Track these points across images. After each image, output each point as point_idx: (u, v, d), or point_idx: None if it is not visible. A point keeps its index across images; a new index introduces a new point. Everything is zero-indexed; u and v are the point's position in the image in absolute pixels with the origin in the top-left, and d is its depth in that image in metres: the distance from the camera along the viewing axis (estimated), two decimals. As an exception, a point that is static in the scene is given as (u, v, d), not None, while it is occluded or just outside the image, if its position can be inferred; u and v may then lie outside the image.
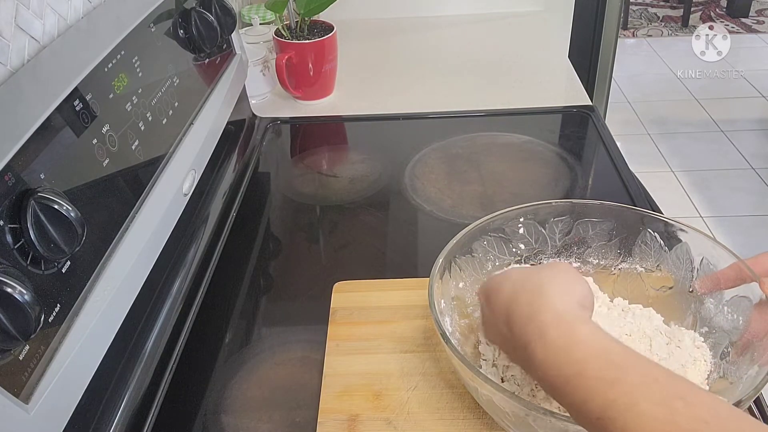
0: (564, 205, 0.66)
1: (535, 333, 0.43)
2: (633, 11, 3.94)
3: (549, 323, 0.43)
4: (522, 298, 0.46)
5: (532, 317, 0.44)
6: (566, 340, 0.41)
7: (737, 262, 0.55)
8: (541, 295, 0.45)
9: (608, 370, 0.38)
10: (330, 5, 1.04)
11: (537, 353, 0.42)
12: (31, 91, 0.53)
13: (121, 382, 0.56)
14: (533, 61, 1.24)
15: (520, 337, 0.44)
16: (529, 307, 0.45)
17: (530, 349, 0.42)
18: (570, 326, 0.42)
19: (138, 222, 0.57)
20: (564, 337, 0.41)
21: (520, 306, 0.45)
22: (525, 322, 0.44)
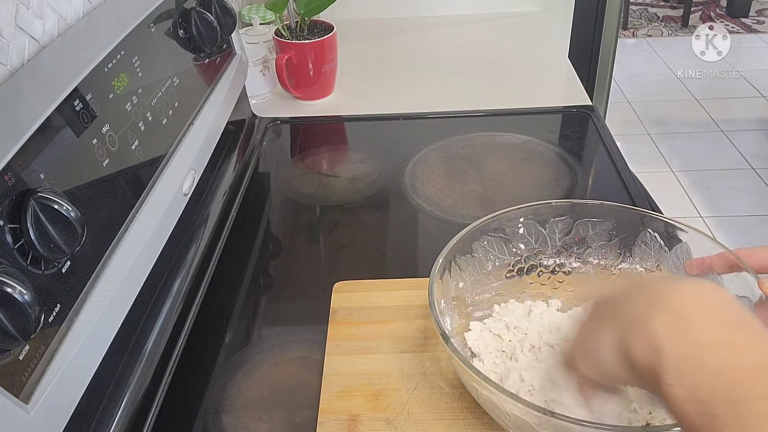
0: (564, 205, 0.66)
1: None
2: (633, 11, 3.94)
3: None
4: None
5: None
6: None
7: (726, 252, 0.55)
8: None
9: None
10: (330, 5, 1.04)
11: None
12: (31, 91, 0.53)
13: (121, 382, 0.56)
14: (533, 61, 1.24)
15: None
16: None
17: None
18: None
19: (138, 222, 0.57)
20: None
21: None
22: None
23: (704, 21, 3.80)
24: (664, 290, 0.37)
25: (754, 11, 3.84)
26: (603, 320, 0.41)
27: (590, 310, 0.44)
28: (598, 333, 0.40)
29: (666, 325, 0.35)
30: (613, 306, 0.41)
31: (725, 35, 1.85)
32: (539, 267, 0.66)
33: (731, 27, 3.70)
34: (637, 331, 0.36)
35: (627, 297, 0.40)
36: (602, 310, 0.42)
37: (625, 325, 0.37)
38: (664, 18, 3.89)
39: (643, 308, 0.37)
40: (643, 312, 0.36)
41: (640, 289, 0.40)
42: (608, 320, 0.40)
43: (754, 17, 3.80)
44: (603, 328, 0.40)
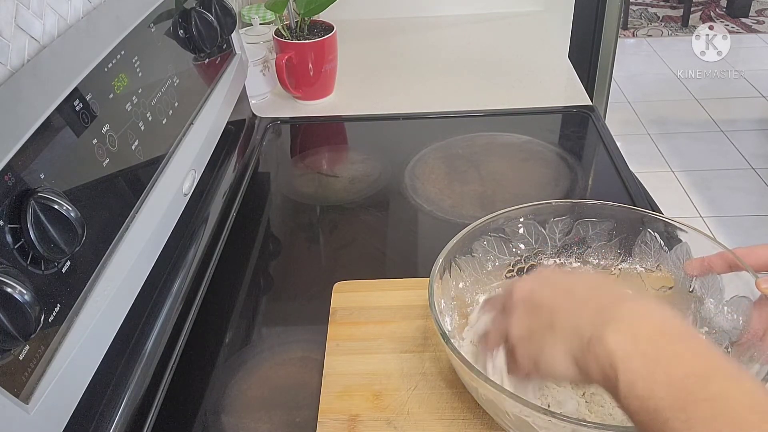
0: (564, 205, 0.66)
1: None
2: (633, 11, 3.94)
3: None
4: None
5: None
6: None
7: (726, 251, 0.55)
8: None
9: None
10: (330, 5, 1.04)
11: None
12: (31, 91, 0.53)
13: (121, 382, 0.56)
14: (533, 61, 1.24)
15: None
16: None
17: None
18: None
19: (138, 222, 0.57)
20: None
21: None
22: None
23: (704, 21, 3.80)
24: (613, 309, 0.41)
25: (754, 11, 3.84)
26: (545, 329, 0.45)
27: (520, 310, 0.48)
28: (545, 345, 0.44)
29: (618, 341, 0.39)
30: (553, 315, 0.45)
31: (725, 35, 1.85)
32: (539, 267, 0.66)
33: (731, 27, 3.70)
34: (593, 350, 0.40)
35: (570, 310, 0.44)
36: (538, 316, 0.46)
37: (577, 343, 0.42)
38: (664, 18, 3.89)
39: (595, 327, 0.40)
40: (596, 331, 0.40)
41: (583, 300, 0.44)
42: (552, 331, 0.44)
43: (754, 17, 3.80)
44: (549, 339, 0.44)
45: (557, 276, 0.49)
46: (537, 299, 0.47)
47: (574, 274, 0.49)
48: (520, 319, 0.48)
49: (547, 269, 0.51)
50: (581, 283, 0.47)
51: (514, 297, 0.49)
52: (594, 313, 0.42)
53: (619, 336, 0.39)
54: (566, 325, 0.43)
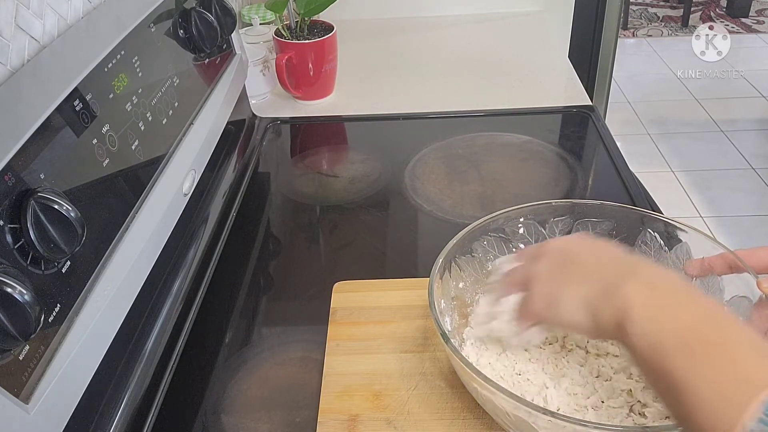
0: (564, 205, 0.66)
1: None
2: (633, 11, 3.94)
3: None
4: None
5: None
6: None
7: (726, 252, 0.55)
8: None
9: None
10: (330, 5, 1.04)
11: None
12: (31, 91, 0.53)
13: (121, 382, 0.56)
14: (533, 61, 1.24)
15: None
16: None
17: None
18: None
19: (138, 222, 0.57)
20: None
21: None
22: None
23: (704, 21, 3.80)
24: (635, 266, 0.45)
25: (754, 11, 3.84)
26: (568, 276, 0.48)
27: (547, 259, 0.51)
28: (565, 287, 0.48)
29: (638, 290, 0.42)
30: (578, 266, 0.48)
31: (725, 35, 1.85)
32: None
33: (731, 27, 3.70)
34: (610, 294, 0.44)
35: (595, 264, 0.47)
36: (563, 264, 0.50)
37: (596, 288, 0.45)
38: (664, 18, 3.89)
39: (615, 277, 0.44)
40: (615, 280, 0.44)
41: (609, 259, 0.48)
42: (575, 278, 0.47)
43: (754, 17, 3.80)
44: (569, 282, 0.48)
45: (592, 239, 0.52)
46: (567, 250, 0.50)
47: (603, 241, 0.53)
48: (546, 263, 0.51)
49: (582, 234, 0.57)
50: (613, 248, 0.50)
51: (544, 246, 0.53)
52: (617, 267, 0.46)
53: (636, 285, 0.43)
54: (588, 273, 0.47)
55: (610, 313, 0.43)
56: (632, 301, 0.42)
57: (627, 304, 0.42)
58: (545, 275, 0.50)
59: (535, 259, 0.52)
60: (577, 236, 0.56)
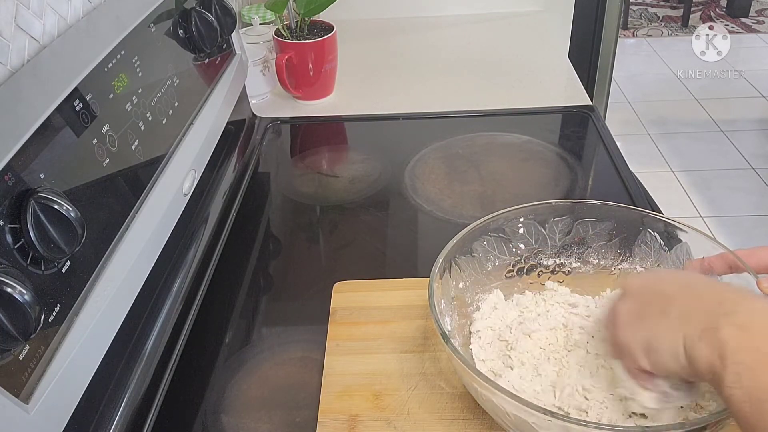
0: (564, 205, 0.66)
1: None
2: (633, 11, 3.94)
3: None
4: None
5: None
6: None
7: (726, 252, 0.55)
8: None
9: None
10: (330, 5, 1.04)
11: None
12: (31, 91, 0.53)
13: (121, 382, 0.56)
14: (533, 61, 1.24)
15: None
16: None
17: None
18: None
19: (138, 222, 0.57)
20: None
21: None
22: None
23: (704, 21, 3.80)
24: (731, 303, 0.41)
25: (754, 11, 3.84)
26: (659, 315, 0.44)
27: (632, 298, 0.48)
28: (657, 328, 0.44)
29: (733, 335, 0.39)
30: (667, 302, 0.45)
31: (725, 35, 1.85)
32: (539, 267, 0.66)
33: (731, 27, 3.70)
34: (705, 337, 0.40)
35: (686, 299, 0.44)
36: (652, 303, 0.46)
37: (691, 329, 0.41)
38: (664, 18, 3.89)
39: (711, 318, 0.41)
40: (711, 320, 0.40)
41: (702, 294, 0.44)
42: (666, 318, 0.44)
43: (754, 17, 3.80)
44: (662, 324, 0.44)
45: (669, 273, 0.50)
46: (652, 288, 0.47)
47: (684, 272, 0.49)
48: (629, 308, 0.47)
49: (661, 269, 0.52)
50: (700, 279, 0.47)
51: (629, 287, 0.49)
52: (711, 305, 0.42)
53: (733, 329, 0.39)
54: (681, 313, 0.43)
55: (705, 357, 0.40)
56: (728, 348, 0.38)
57: (723, 351, 0.38)
58: (632, 317, 0.47)
59: (615, 309, 0.49)
60: (658, 271, 0.51)
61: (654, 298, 0.46)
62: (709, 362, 0.39)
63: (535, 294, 0.64)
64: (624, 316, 0.48)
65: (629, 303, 0.48)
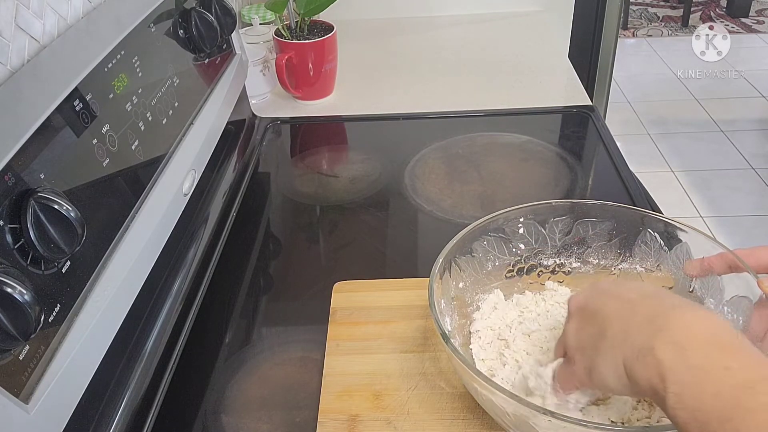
0: (564, 205, 0.66)
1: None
2: (633, 11, 3.95)
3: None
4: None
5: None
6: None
7: (726, 252, 0.55)
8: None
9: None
10: (330, 5, 1.04)
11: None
12: (31, 91, 0.53)
13: (121, 382, 0.56)
14: (533, 61, 1.24)
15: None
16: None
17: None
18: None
19: (138, 222, 0.57)
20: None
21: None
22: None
23: (704, 21, 3.80)
24: (663, 318, 0.41)
25: (754, 11, 3.84)
26: (598, 337, 0.44)
27: (575, 319, 0.48)
28: (597, 350, 0.44)
29: (668, 353, 0.39)
30: (605, 322, 0.44)
31: (725, 35, 1.85)
32: (539, 267, 0.66)
33: (731, 27, 3.70)
34: (641, 358, 0.40)
35: (623, 321, 0.43)
36: (591, 324, 0.46)
37: (629, 352, 0.41)
38: (664, 18, 3.89)
39: (645, 338, 0.40)
40: (646, 340, 0.40)
41: (637, 310, 0.43)
42: (605, 339, 0.44)
43: (754, 17, 3.80)
44: (601, 346, 0.44)
45: (611, 285, 0.49)
46: (591, 308, 0.47)
47: (627, 283, 0.48)
48: (575, 328, 0.48)
49: (604, 281, 0.51)
50: (633, 290, 0.46)
51: (570, 308, 0.49)
52: (644, 323, 0.42)
53: (668, 347, 0.39)
54: (617, 333, 0.43)
55: (645, 378, 0.40)
56: (665, 367, 0.38)
57: (661, 371, 0.38)
58: (577, 343, 0.47)
59: (565, 324, 0.49)
60: (598, 285, 0.50)
61: (592, 319, 0.46)
62: (649, 383, 0.39)
63: (535, 294, 0.64)
64: (571, 337, 0.48)
65: (573, 323, 0.48)
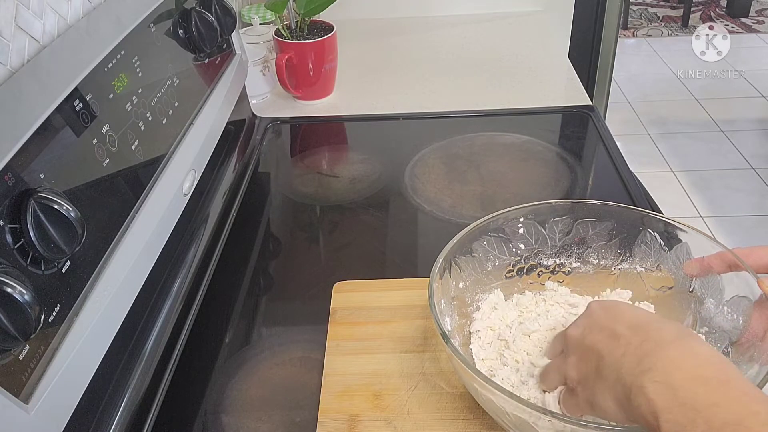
0: (564, 205, 0.66)
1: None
2: (633, 11, 3.95)
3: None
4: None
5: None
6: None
7: (726, 251, 0.55)
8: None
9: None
10: (330, 5, 1.04)
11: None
12: (31, 91, 0.53)
13: (121, 382, 0.56)
14: (533, 61, 1.24)
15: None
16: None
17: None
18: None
19: (138, 222, 0.57)
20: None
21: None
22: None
23: (704, 21, 3.80)
24: (650, 358, 0.42)
25: (754, 11, 3.84)
26: (594, 376, 0.45)
27: (573, 355, 0.49)
28: (597, 391, 0.45)
29: (659, 393, 0.39)
30: (599, 360, 0.45)
31: (725, 35, 1.85)
32: (539, 267, 0.66)
33: (731, 27, 3.70)
34: (634, 396, 0.41)
35: (613, 354, 0.44)
36: (587, 361, 0.47)
37: (620, 391, 0.42)
38: (664, 18, 3.89)
39: (635, 377, 0.41)
40: (635, 381, 0.41)
41: (627, 346, 0.44)
42: (600, 377, 0.45)
43: (754, 17, 3.80)
44: (598, 385, 0.45)
45: (605, 314, 0.49)
46: (586, 343, 0.47)
47: (619, 309, 0.48)
48: (575, 364, 0.48)
49: (596, 305, 0.51)
50: (622, 320, 0.46)
51: (568, 341, 0.50)
52: (633, 362, 0.42)
53: (657, 386, 0.40)
54: (610, 372, 0.44)
55: (640, 416, 0.40)
56: (657, 407, 0.39)
57: (653, 409, 0.39)
58: (578, 378, 0.48)
59: (565, 357, 0.50)
60: (593, 313, 0.50)
61: (588, 354, 0.47)
62: (645, 420, 0.40)
63: (535, 294, 0.64)
64: (571, 371, 0.48)
65: (573, 358, 0.49)
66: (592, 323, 0.49)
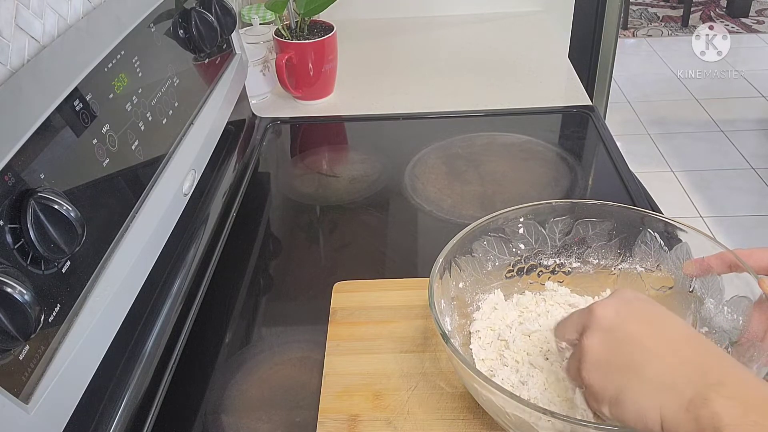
0: (564, 205, 0.66)
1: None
2: (633, 11, 3.95)
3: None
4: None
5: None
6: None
7: (726, 252, 0.55)
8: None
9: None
10: (330, 5, 1.04)
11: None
12: (31, 91, 0.53)
13: (121, 382, 0.56)
14: (533, 61, 1.24)
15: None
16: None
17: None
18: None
19: (138, 222, 0.57)
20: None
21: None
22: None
23: (704, 21, 3.80)
24: (719, 372, 0.40)
25: (754, 11, 3.84)
26: (631, 370, 0.43)
27: (602, 336, 0.45)
28: (629, 385, 0.42)
29: (728, 409, 0.37)
30: (642, 356, 0.43)
31: (725, 35, 1.85)
32: (539, 267, 0.66)
33: (731, 27, 3.70)
34: (692, 410, 0.39)
35: (666, 359, 0.42)
36: (624, 351, 0.44)
37: (672, 399, 0.40)
38: (664, 18, 3.89)
39: (698, 388, 0.39)
40: (698, 391, 0.39)
41: (685, 357, 0.42)
42: (640, 376, 0.42)
43: (754, 17, 3.80)
44: (635, 382, 0.42)
45: (643, 308, 0.46)
46: (622, 332, 0.45)
47: (658, 311, 0.46)
48: (597, 341, 0.45)
49: (630, 293, 0.48)
50: (672, 328, 0.44)
51: (594, 318, 0.46)
52: (696, 374, 0.40)
53: (726, 401, 0.38)
54: (660, 376, 0.41)
55: (692, 430, 0.38)
56: (723, 422, 0.37)
57: (717, 425, 0.37)
58: (599, 361, 0.45)
59: (585, 330, 0.47)
60: (628, 301, 0.47)
61: (626, 345, 0.44)
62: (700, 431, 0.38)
63: (535, 294, 0.64)
64: (592, 354, 0.45)
65: (598, 340, 0.45)
66: (631, 312, 0.46)
